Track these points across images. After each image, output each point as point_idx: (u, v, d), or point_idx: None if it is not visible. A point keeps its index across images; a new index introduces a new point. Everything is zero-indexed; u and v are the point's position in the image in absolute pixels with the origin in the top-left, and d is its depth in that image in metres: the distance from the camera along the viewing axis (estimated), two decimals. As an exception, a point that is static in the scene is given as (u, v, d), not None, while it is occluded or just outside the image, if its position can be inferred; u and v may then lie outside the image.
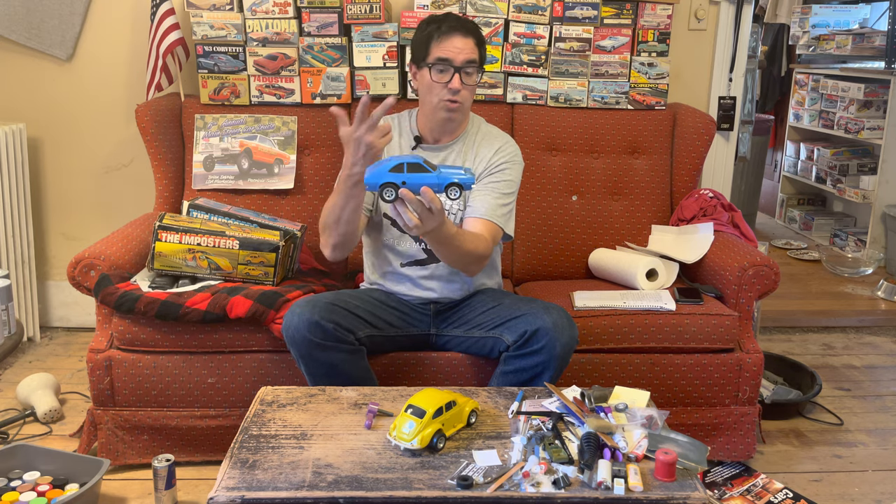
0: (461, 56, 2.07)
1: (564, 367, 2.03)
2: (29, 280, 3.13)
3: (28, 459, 2.18)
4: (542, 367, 1.99)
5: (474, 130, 2.24)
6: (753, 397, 2.33)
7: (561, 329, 1.98)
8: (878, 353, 3.31)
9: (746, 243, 2.53)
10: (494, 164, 2.17)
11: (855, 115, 4.70)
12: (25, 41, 3.03)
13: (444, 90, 2.08)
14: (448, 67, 2.07)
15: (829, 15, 5.18)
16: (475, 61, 2.10)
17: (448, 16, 2.14)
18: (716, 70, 3.13)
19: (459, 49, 2.07)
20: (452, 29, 2.09)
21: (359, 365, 2.06)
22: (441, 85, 2.08)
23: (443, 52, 2.07)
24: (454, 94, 2.08)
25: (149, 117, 2.70)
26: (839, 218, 5.17)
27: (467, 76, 2.09)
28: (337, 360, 2.00)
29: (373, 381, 2.09)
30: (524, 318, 2.04)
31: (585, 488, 1.48)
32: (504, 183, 2.16)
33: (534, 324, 1.99)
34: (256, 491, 1.46)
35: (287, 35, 2.80)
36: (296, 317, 1.98)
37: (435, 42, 2.09)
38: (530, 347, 2.00)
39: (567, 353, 2.00)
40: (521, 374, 2.03)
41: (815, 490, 2.29)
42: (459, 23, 2.11)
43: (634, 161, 2.83)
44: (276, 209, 2.73)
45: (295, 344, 1.99)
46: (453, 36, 2.08)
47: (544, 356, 1.98)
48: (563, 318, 2.01)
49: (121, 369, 2.24)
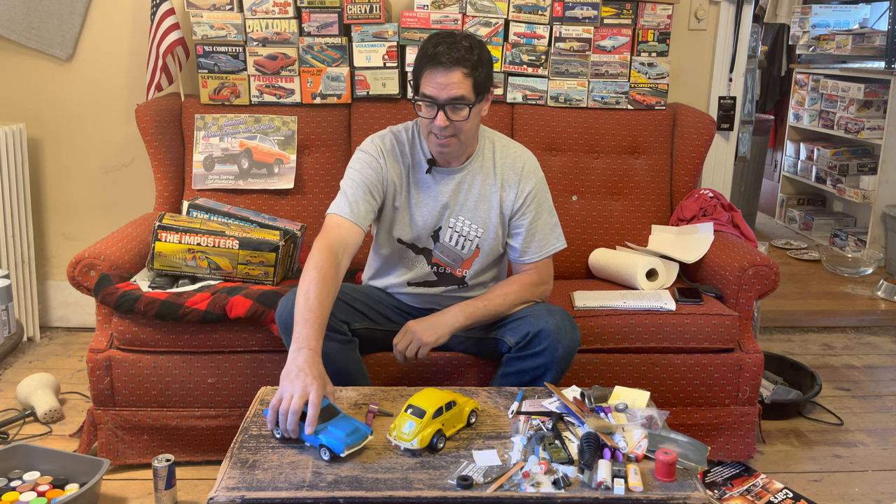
0: (444, 93, 1.92)
1: (566, 369, 2.02)
2: (29, 280, 3.13)
3: (28, 459, 2.18)
4: (543, 370, 1.99)
5: (489, 147, 2.13)
6: (753, 397, 2.33)
7: (563, 332, 1.98)
8: (878, 353, 3.31)
9: (746, 243, 2.53)
10: (525, 195, 2.10)
11: (855, 115, 4.70)
12: (25, 41, 3.03)
13: (432, 124, 1.97)
14: (432, 104, 1.95)
15: (829, 15, 5.18)
16: (462, 97, 1.93)
17: (439, 43, 1.95)
18: (716, 70, 3.13)
19: (443, 85, 1.92)
20: (437, 62, 1.92)
21: (350, 357, 2.05)
22: (428, 120, 1.98)
23: (427, 88, 1.94)
24: (441, 131, 1.97)
25: (149, 117, 2.70)
26: (839, 218, 5.17)
27: (454, 112, 1.95)
28: (328, 349, 1.96)
29: (364, 376, 2.08)
30: (526, 319, 2.03)
31: (585, 488, 1.48)
32: (539, 211, 2.12)
33: (536, 326, 1.99)
34: (256, 491, 1.46)
35: (287, 35, 2.80)
36: (290, 303, 1.95)
37: (422, 75, 1.96)
38: (532, 349, 1.99)
39: (569, 355, 2.00)
40: (523, 375, 2.02)
41: (815, 490, 2.29)
42: (447, 53, 1.92)
43: (634, 161, 2.83)
44: (276, 209, 2.73)
45: (288, 330, 1.94)
46: (436, 70, 1.93)
47: (546, 358, 1.97)
48: (566, 320, 2.01)
49: (121, 369, 2.24)
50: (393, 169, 2.09)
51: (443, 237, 2.13)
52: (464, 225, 2.12)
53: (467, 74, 1.94)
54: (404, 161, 2.11)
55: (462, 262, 2.15)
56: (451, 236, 2.13)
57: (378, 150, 2.08)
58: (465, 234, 2.12)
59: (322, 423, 1.58)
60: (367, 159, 2.07)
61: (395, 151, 2.10)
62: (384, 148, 2.09)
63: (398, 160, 2.10)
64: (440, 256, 2.15)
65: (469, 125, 1.99)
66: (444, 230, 2.12)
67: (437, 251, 2.15)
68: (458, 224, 2.12)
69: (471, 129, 2.02)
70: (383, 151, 2.08)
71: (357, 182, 2.04)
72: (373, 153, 2.08)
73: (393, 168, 2.09)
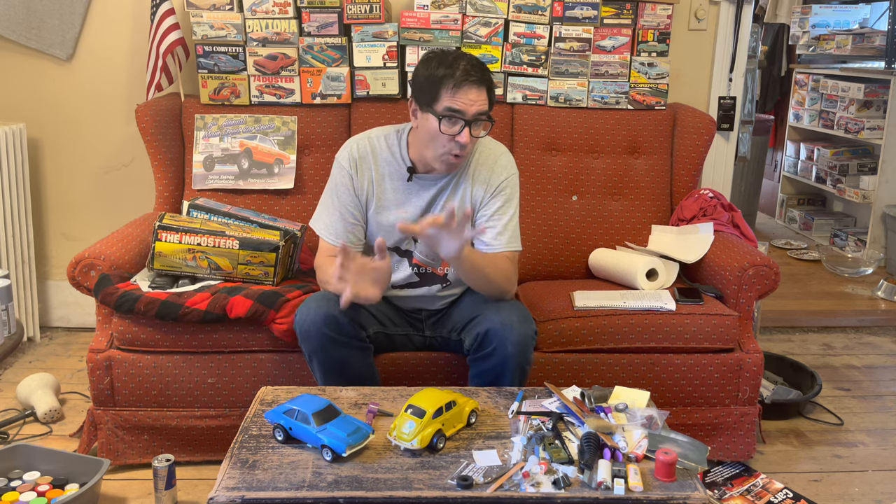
0: (473, 108, 1.94)
1: (526, 364, 1.99)
2: (29, 280, 3.13)
3: (28, 459, 2.18)
4: (500, 368, 1.97)
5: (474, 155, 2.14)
6: (753, 397, 2.33)
7: (510, 327, 1.94)
8: (878, 353, 3.31)
9: (746, 243, 2.53)
10: (498, 183, 2.11)
11: (855, 115, 4.70)
12: (25, 41, 3.03)
13: (452, 143, 1.97)
14: (459, 120, 1.95)
15: (829, 15, 5.18)
16: (486, 112, 1.98)
17: (461, 60, 1.97)
18: (716, 70, 3.13)
19: (473, 101, 1.94)
20: (468, 79, 1.93)
21: (366, 362, 2.06)
22: (448, 136, 1.96)
23: (455, 104, 1.93)
24: (461, 149, 1.97)
25: (149, 117, 2.70)
26: (839, 218, 5.17)
27: (477, 128, 1.98)
28: (348, 356, 1.99)
29: (377, 380, 2.10)
30: (477, 320, 2.03)
31: (585, 488, 1.48)
32: (508, 204, 2.11)
33: (484, 326, 1.97)
34: (256, 491, 1.47)
35: (287, 35, 2.80)
36: (311, 311, 1.96)
37: (447, 90, 1.94)
38: (484, 350, 1.98)
39: (522, 350, 1.95)
40: (484, 376, 2.01)
41: (815, 490, 2.29)
42: (475, 70, 1.95)
43: (634, 161, 2.83)
44: (276, 209, 2.73)
45: (308, 338, 1.97)
46: (468, 87, 1.93)
47: (497, 357, 1.95)
48: (513, 314, 1.97)
49: (121, 369, 2.24)
50: (364, 178, 2.12)
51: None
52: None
53: (488, 91, 2.00)
54: (378, 169, 2.12)
55: (442, 261, 2.15)
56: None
57: (349, 160, 2.12)
58: None
59: (323, 423, 1.59)
60: (339, 179, 2.13)
61: (368, 159, 2.12)
62: (354, 156, 2.13)
63: (370, 167, 2.12)
64: (420, 257, 2.16)
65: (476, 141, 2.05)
66: None
67: (417, 252, 2.16)
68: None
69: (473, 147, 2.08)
70: (354, 160, 2.12)
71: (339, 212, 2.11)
72: (344, 165, 2.13)
73: (364, 177, 2.12)
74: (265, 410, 1.74)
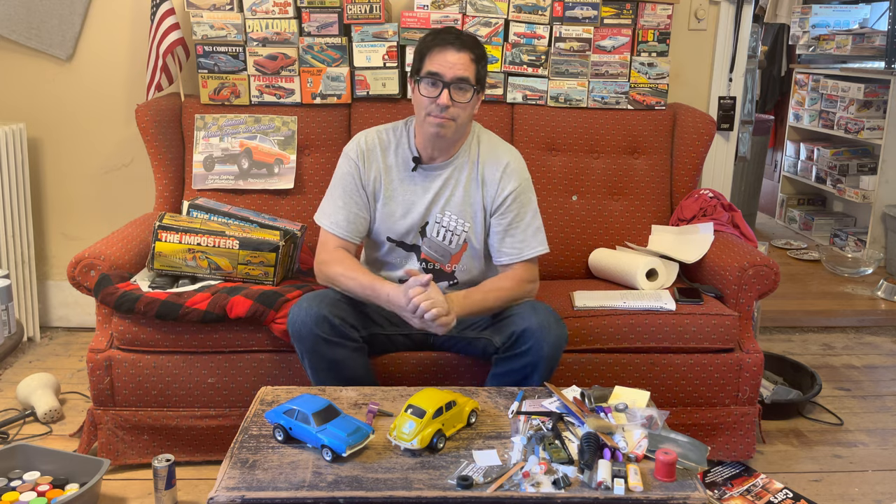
0: (452, 71, 1.98)
1: (555, 366, 2.02)
2: (29, 280, 3.13)
3: (28, 459, 2.18)
4: (531, 369, 1.98)
5: (475, 143, 2.16)
6: (753, 397, 2.33)
7: (547, 329, 1.96)
8: (878, 353, 3.31)
9: (746, 243, 2.53)
10: (506, 196, 2.11)
11: (855, 115, 4.70)
12: (25, 41, 3.03)
13: (433, 105, 1.99)
14: (438, 82, 1.98)
15: (829, 15, 5.18)
16: (467, 79, 1.99)
17: (448, 29, 2.06)
18: (716, 70, 3.13)
19: (451, 64, 1.98)
20: (447, 42, 2.00)
21: (361, 363, 2.06)
22: (429, 99, 2.00)
23: (434, 66, 1.99)
24: (442, 111, 1.99)
25: (149, 117, 2.70)
26: (839, 218, 5.17)
27: (458, 93, 1.99)
28: (341, 356, 1.99)
29: (374, 381, 2.09)
30: (511, 319, 2.03)
31: (585, 488, 1.48)
32: (522, 212, 2.12)
33: (520, 325, 1.98)
34: (256, 491, 1.47)
35: (287, 35, 2.80)
36: (303, 311, 1.97)
37: (428, 55, 2.01)
38: (518, 349, 1.99)
39: (555, 352, 1.98)
40: (512, 375, 2.02)
41: (815, 490, 2.29)
42: (456, 36, 2.01)
43: (634, 161, 2.83)
44: (276, 209, 2.73)
45: (301, 339, 1.98)
46: (447, 49, 1.99)
47: (532, 357, 1.96)
48: (550, 317, 2.00)
49: (121, 369, 2.24)
50: (372, 169, 2.14)
51: (430, 232, 2.14)
52: (450, 220, 2.13)
53: (473, 60, 2.02)
54: (385, 160, 2.14)
55: (451, 258, 2.16)
56: (438, 231, 2.14)
57: (357, 151, 2.15)
58: (451, 229, 2.14)
59: (323, 423, 1.59)
60: (346, 169, 2.15)
61: (376, 151, 2.14)
62: (362, 147, 2.15)
63: (377, 159, 2.14)
64: (428, 252, 2.16)
65: (466, 112, 2.04)
66: (431, 225, 2.14)
67: (426, 247, 2.16)
68: (444, 219, 2.13)
69: (466, 118, 2.06)
70: (363, 152, 2.14)
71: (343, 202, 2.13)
72: (352, 156, 2.15)
73: (371, 168, 2.14)
74: (265, 410, 1.74)
